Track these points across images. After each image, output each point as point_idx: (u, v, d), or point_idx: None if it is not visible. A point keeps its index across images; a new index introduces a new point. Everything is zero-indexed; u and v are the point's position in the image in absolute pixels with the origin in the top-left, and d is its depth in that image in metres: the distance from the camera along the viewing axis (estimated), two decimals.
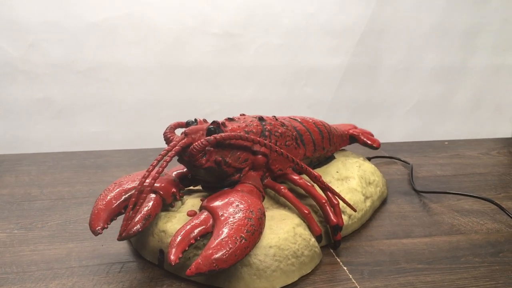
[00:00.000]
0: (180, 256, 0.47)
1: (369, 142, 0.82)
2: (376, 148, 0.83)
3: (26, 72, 1.12)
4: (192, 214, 0.57)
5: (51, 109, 1.16)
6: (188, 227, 0.50)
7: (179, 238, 0.48)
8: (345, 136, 0.81)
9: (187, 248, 0.48)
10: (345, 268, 0.56)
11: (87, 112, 1.18)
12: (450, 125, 1.38)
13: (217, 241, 0.47)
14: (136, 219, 0.52)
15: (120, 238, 0.51)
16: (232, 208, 0.51)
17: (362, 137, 0.82)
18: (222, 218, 0.49)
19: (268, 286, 0.51)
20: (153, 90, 1.20)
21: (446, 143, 1.10)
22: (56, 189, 0.79)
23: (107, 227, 0.52)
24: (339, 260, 0.58)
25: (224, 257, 0.46)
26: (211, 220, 0.51)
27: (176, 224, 0.55)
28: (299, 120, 0.69)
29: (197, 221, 0.50)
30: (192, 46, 1.18)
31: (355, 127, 0.85)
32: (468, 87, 1.36)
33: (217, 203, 0.52)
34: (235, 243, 0.47)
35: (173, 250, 0.47)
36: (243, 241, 0.47)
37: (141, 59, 1.17)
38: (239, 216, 0.49)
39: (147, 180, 0.51)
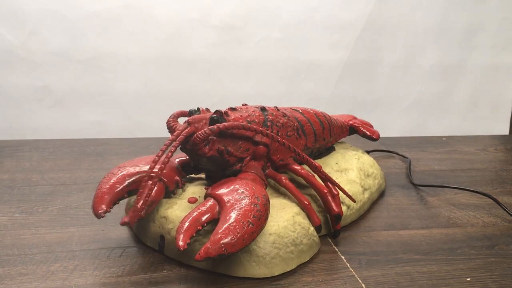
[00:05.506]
0: (188, 242, 0.48)
1: (368, 133, 0.83)
2: (375, 140, 0.83)
3: (25, 60, 1.12)
4: (193, 201, 0.57)
5: (50, 97, 1.16)
6: (195, 213, 0.50)
7: (187, 224, 0.49)
8: (345, 127, 0.81)
9: (194, 234, 0.49)
10: (343, 257, 0.57)
11: (86, 101, 1.18)
12: (448, 122, 1.39)
13: (225, 226, 0.47)
14: (139, 205, 0.52)
15: (123, 223, 0.51)
16: (238, 194, 0.51)
17: (362, 128, 0.83)
18: (229, 204, 0.50)
19: (267, 272, 0.52)
20: (153, 81, 1.20)
21: (444, 139, 1.11)
22: (56, 175, 0.79)
23: (110, 211, 0.52)
24: (337, 250, 0.59)
25: (233, 241, 0.46)
26: (217, 207, 0.51)
27: (177, 210, 0.56)
28: (300, 111, 0.70)
29: (203, 208, 0.51)
30: (193, 38, 1.18)
31: (355, 118, 0.85)
32: (466, 85, 1.37)
33: (223, 190, 0.52)
34: (242, 228, 0.47)
35: (181, 236, 0.48)
36: (250, 226, 0.48)
37: (141, 50, 1.17)
38: (245, 202, 0.50)
39: (156, 166, 0.51)
